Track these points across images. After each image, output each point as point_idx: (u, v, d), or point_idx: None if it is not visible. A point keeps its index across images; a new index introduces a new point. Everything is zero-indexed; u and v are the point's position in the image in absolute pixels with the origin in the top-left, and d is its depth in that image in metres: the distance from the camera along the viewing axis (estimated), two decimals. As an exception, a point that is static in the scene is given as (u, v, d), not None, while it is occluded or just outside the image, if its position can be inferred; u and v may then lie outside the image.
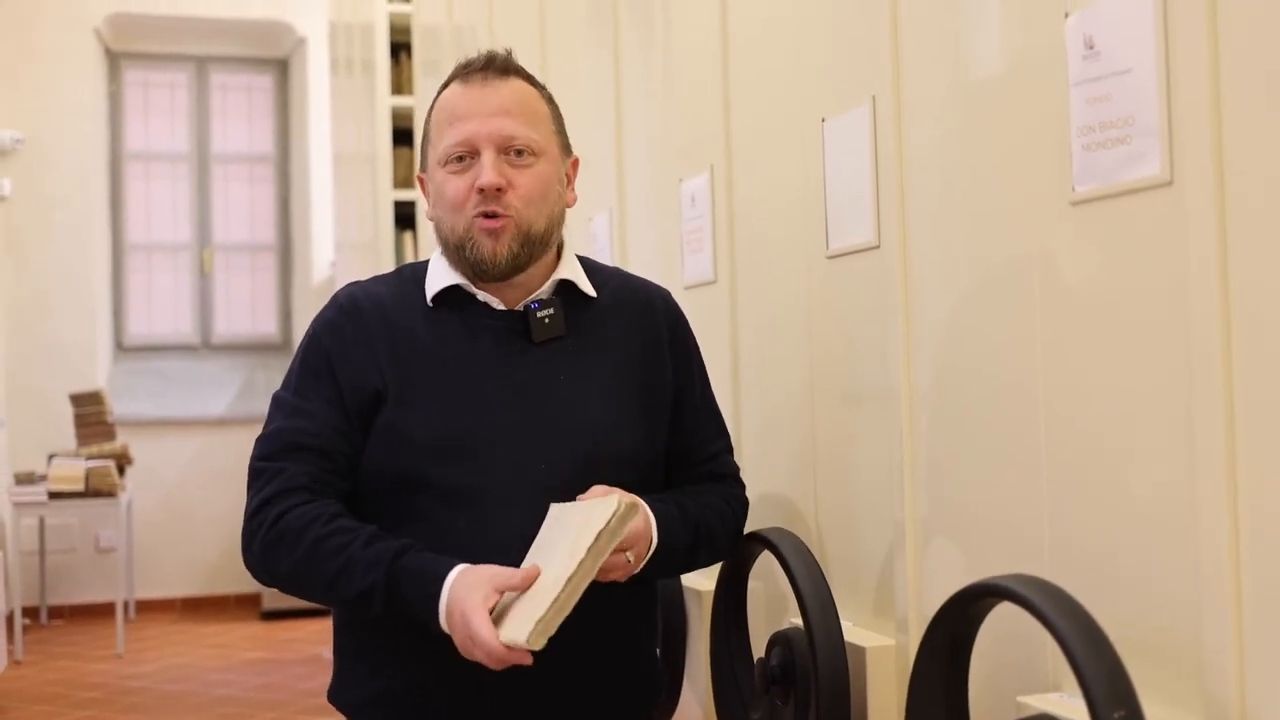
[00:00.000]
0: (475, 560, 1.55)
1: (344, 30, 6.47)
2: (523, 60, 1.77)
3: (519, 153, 1.68)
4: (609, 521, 1.49)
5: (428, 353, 1.69)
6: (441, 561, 1.55)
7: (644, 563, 1.64)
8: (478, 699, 1.63)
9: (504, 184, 1.66)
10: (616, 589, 1.63)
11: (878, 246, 1.69)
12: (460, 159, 1.68)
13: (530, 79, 1.75)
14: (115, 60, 7.87)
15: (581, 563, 1.46)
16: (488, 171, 1.66)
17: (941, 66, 1.56)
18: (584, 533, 1.50)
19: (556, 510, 1.59)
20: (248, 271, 8.07)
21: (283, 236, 8.11)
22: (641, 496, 1.63)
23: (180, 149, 7.99)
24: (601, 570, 1.52)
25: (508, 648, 1.45)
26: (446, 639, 1.52)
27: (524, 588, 1.49)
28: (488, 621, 1.46)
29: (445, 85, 1.75)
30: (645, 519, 1.63)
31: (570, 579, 1.45)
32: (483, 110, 1.68)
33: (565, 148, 1.77)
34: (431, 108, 1.75)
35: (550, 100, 1.78)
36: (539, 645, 1.43)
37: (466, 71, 1.72)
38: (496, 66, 1.71)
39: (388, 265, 5.00)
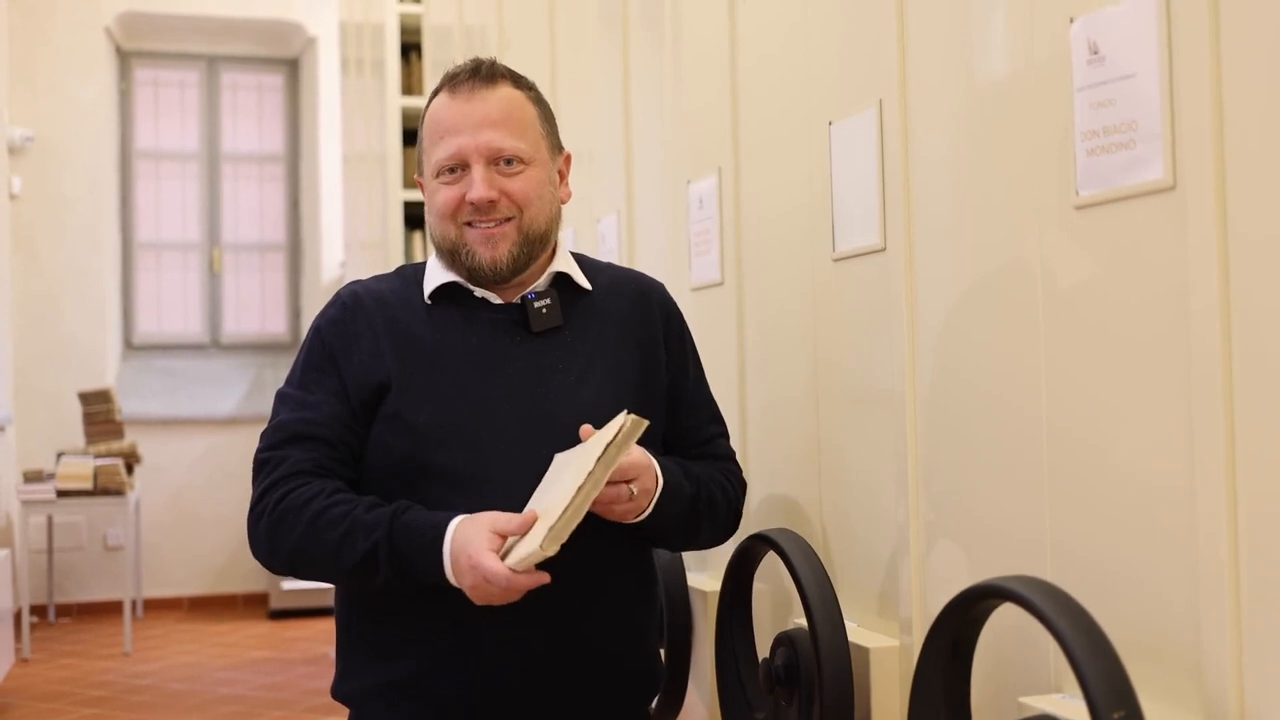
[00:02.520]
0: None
1: (354, 30, 6.49)
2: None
3: (509, 161, 1.71)
4: (617, 434, 1.52)
5: (429, 345, 1.71)
6: (440, 515, 1.58)
7: (651, 503, 1.65)
8: (479, 690, 1.64)
9: (496, 196, 1.69)
10: (620, 580, 1.64)
11: (883, 249, 1.70)
12: (452, 170, 1.71)
13: (518, 81, 1.77)
14: (126, 59, 7.89)
15: (591, 473, 1.49)
16: (478, 185, 1.69)
17: (947, 71, 1.57)
18: (591, 451, 1.53)
19: (560, 456, 1.62)
20: (257, 271, 8.10)
21: (292, 236, 8.13)
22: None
23: (190, 148, 8.01)
24: (605, 505, 1.56)
25: (516, 573, 1.48)
26: (447, 629, 1.54)
27: (522, 531, 1.52)
28: (496, 559, 1.49)
29: (435, 93, 1.77)
30: (645, 455, 1.64)
31: (580, 488, 1.48)
32: (470, 123, 1.70)
33: (556, 146, 1.80)
34: (423, 115, 1.78)
35: (538, 100, 1.79)
36: (553, 550, 1.45)
37: (454, 81, 1.74)
38: (483, 75, 1.73)
39: (397, 264, 4.98)
